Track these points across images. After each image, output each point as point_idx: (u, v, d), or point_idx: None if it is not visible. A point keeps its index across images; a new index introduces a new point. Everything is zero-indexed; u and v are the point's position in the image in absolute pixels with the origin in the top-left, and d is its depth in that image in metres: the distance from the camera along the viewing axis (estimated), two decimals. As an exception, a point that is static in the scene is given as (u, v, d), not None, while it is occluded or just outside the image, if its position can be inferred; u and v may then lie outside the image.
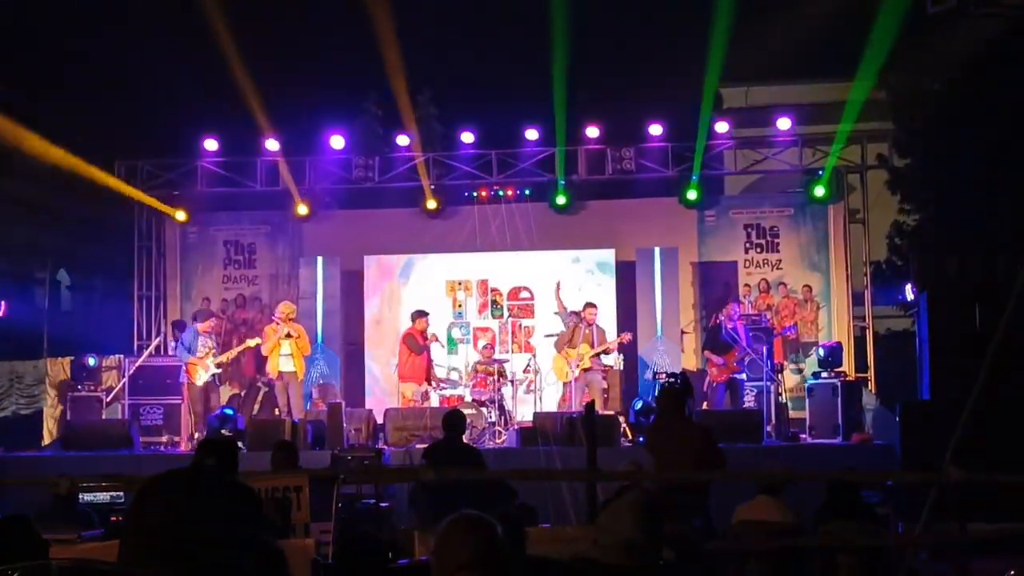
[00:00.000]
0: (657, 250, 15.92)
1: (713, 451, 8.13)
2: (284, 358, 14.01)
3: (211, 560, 2.58)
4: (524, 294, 16.73)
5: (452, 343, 16.29)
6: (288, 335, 13.98)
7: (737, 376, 14.16)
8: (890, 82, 18.82)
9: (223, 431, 13.60)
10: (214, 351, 14.26)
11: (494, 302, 16.77)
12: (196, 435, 13.95)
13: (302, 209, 16.83)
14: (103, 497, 9.95)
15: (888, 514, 8.70)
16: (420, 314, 14.78)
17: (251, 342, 14.62)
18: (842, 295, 16.35)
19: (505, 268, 16.73)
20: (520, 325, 16.52)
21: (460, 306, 16.79)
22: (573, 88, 15.52)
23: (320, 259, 16.55)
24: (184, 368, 14.26)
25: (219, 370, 14.34)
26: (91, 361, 14.91)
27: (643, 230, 16.46)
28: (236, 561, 3.55)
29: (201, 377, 14.06)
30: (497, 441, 13.37)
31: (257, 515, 4.65)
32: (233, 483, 4.65)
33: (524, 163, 16.51)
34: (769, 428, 13.42)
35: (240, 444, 12.89)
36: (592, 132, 16.12)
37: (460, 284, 16.83)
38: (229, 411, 14.14)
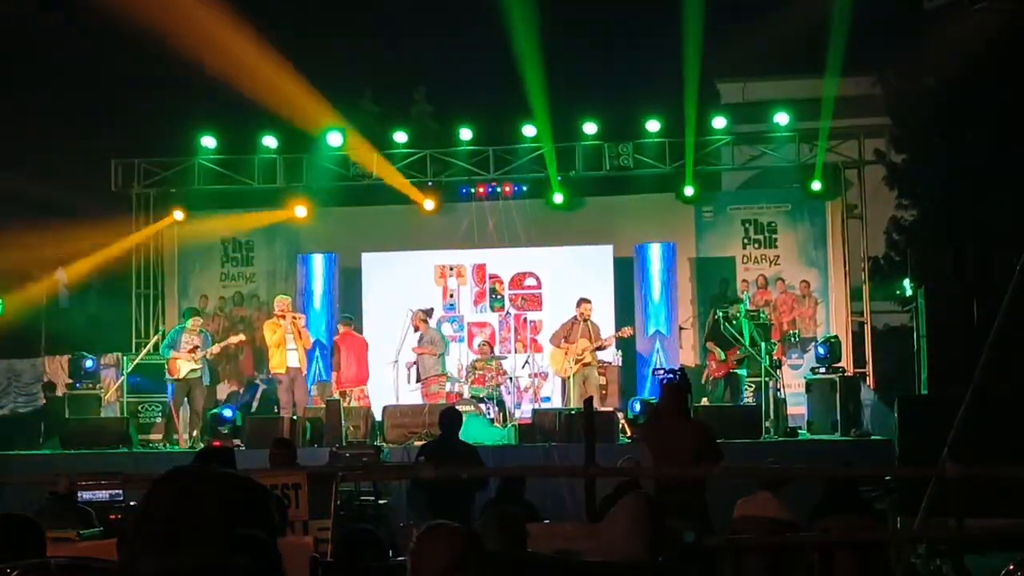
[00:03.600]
0: (655, 246, 15.92)
1: (711, 447, 8.14)
2: (291, 352, 13.86)
3: (216, 555, 2.58)
4: (529, 281, 16.32)
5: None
6: (298, 331, 13.84)
7: (736, 371, 14.17)
8: (887, 77, 18.80)
9: (220, 429, 13.60)
10: (199, 348, 13.97)
11: (493, 291, 16.30)
12: (176, 434, 13.86)
13: (299, 206, 16.81)
14: (102, 495, 9.93)
15: (886, 510, 8.70)
16: (348, 320, 14.85)
17: (234, 339, 14.50)
18: (840, 290, 16.36)
19: (504, 258, 16.48)
20: (525, 320, 16.11)
21: (452, 296, 16.37)
22: (570, 84, 15.52)
23: (318, 256, 16.54)
24: (167, 364, 14.06)
25: (198, 365, 13.91)
26: (89, 360, 14.89)
27: (641, 226, 16.45)
28: (242, 559, 3.54)
29: (182, 370, 13.78)
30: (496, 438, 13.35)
31: (268, 512, 4.65)
32: (245, 479, 4.65)
33: (521, 159, 16.48)
34: (768, 423, 13.42)
35: (238, 441, 12.91)
36: (589, 128, 16.11)
37: (452, 270, 16.38)
38: (228, 411, 14.10)
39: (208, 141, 16.68)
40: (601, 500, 6.62)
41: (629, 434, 13.04)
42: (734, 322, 14.16)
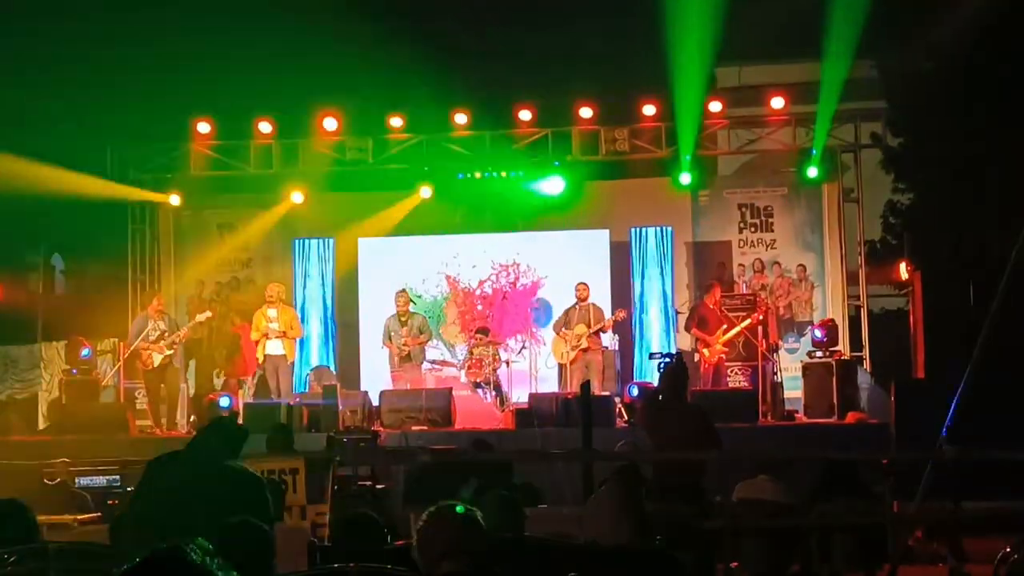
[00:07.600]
0: (651, 230, 15.91)
1: (709, 431, 8.15)
2: (272, 342, 13.92)
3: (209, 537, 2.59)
4: (528, 265, 16.32)
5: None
6: (275, 317, 13.83)
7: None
8: (883, 61, 18.75)
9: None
10: (166, 332, 13.92)
11: (491, 275, 16.37)
12: (164, 420, 13.93)
13: (296, 192, 16.76)
14: (99, 481, 9.95)
15: (883, 492, 8.71)
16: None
17: (200, 316, 14.47)
18: (836, 274, 16.35)
19: (501, 243, 16.54)
20: (523, 305, 16.11)
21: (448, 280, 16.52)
22: (566, 68, 15.47)
23: (314, 241, 16.51)
24: (139, 355, 14.01)
25: (172, 351, 13.97)
26: (86, 347, 14.85)
27: (637, 210, 16.44)
28: (234, 541, 3.57)
29: (156, 360, 13.81)
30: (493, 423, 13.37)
31: (260, 501, 4.66)
32: (238, 469, 4.65)
33: (518, 144, 16.41)
34: (764, 407, 13.43)
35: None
36: (585, 112, 16.05)
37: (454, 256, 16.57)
38: (225, 400, 14.08)
39: (203, 126, 16.61)
40: (600, 484, 6.63)
41: (626, 419, 13.06)
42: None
